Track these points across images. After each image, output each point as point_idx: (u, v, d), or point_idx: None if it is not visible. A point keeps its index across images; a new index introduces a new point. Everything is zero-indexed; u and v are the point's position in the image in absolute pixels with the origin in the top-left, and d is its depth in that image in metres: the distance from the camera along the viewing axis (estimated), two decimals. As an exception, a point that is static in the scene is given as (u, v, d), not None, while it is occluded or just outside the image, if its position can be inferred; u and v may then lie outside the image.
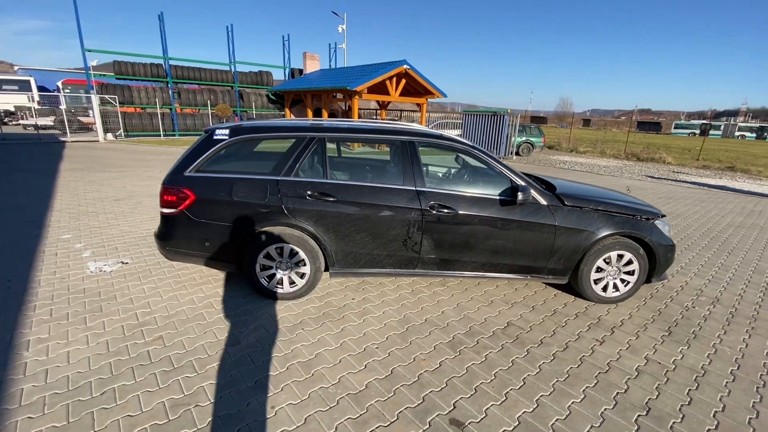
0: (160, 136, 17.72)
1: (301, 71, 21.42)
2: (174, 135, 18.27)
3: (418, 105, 18.02)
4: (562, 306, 3.46)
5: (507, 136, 15.46)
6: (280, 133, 3.36)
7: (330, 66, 21.93)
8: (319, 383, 2.37)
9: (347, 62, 24.20)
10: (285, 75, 21.52)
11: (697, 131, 53.40)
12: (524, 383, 2.44)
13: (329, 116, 18.02)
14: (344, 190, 3.22)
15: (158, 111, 17.69)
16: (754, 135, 49.64)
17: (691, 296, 3.74)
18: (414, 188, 3.27)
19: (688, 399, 2.34)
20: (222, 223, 3.18)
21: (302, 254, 3.24)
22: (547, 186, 3.62)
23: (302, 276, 3.33)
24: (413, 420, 2.11)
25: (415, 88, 17.32)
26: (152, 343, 2.69)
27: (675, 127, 57.20)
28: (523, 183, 3.34)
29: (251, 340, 2.79)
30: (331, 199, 3.19)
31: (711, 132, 52.88)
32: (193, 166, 3.22)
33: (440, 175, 4.19)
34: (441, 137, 3.50)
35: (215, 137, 3.27)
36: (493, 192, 3.34)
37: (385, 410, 2.17)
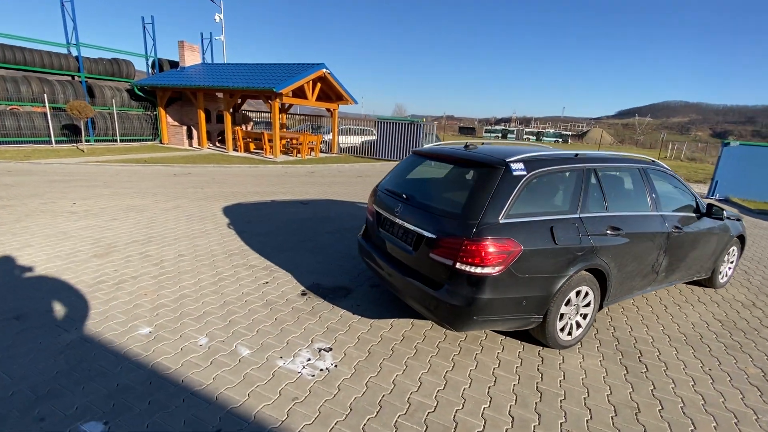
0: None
1: (172, 63, 17.58)
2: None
3: (329, 110, 17.39)
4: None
5: (421, 144, 16.61)
6: (564, 165, 3.06)
7: (204, 60, 18.70)
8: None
9: (227, 58, 21.12)
10: (147, 67, 17.24)
11: (500, 135, 68.51)
12: None
13: (236, 121, 15.36)
14: (624, 222, 3.21)
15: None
16: (534, 137, 67.26)
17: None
18: (659, 213, 3.52)
19: None
20: (542, 275, 2.73)
21: (591, 294, 3.08)
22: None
23: (585, 317, 3.15)
24: None
25: (328, 93, 16.66)
26: None
27: (485, 132, 71.95)
28: (702, 201, 4.01)
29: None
30: (621, 232, 3.13)
31: (508, 135, 68.75)
32: (504, 210, 2.63)
33: (651, 197, 3.67)
34: (655, 163, 3.82)
35: (515, 173, 2.75)
36: (689, 207, 3.89)
37: None
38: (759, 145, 11.85)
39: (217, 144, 17.61)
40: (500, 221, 2.61)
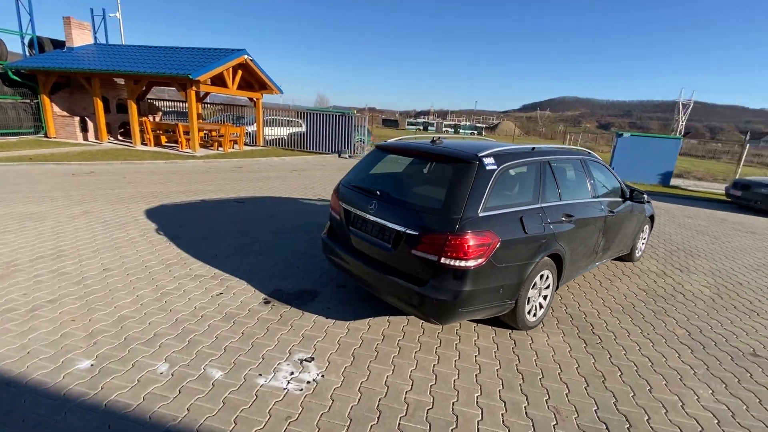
0: None
1: (56, 43, 14.80)
2: None
3: (252, 100, 16.26)
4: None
5: (353, 136, 16.47)
6: (526, 159, 3.23)
7: (97, 40, 16.11)
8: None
9: (125, 39, 18.39)
10: (23, 47, 14.28)
11: (421, 127, 71.08)
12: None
13: (142, 112, 13.39)
14: (574, 209, 3.53)
15: None
16: (453, 130, 71.12)
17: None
18: (597, 199, 3.94)
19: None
20: (515, 263, 2.89)
21: (551, 277, 3.36)
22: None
23: (545, 298, 3.42)
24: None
25: (250, 81, 15.56)
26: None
27: (408, 124, 74.01)
28: (624, 185, 4.58)
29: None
30: (573, 218, 3.44)
31: (429, 128, 71.64)
32: (481, 204, 2.71)
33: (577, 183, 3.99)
34: (591, 154, 4.25)
35: (488, 168, 2.84)
36: (617, 192, 4.42)
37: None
38: (645, 136, 14.03)
39: (120, 137, 15.40)
40: (479, 215, 2.68)
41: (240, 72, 14.49)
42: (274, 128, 17.80)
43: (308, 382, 2.46)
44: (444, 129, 70.57)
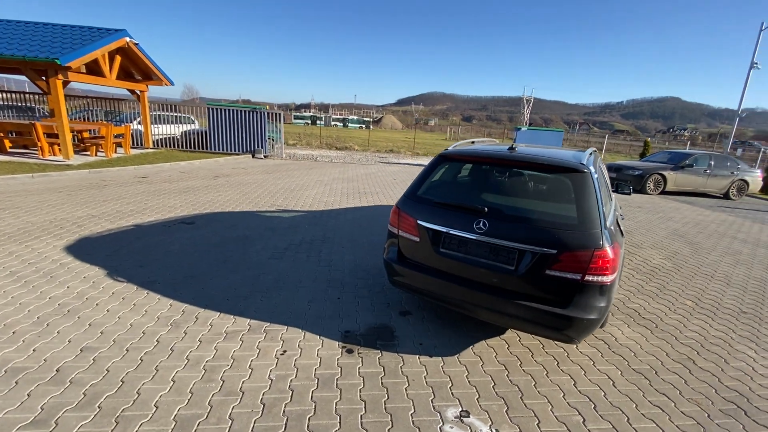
0: None
1: None
2: None
3: (135, 93, 13.31)
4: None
5: (266, 134, 14.99)
6: (600, 163, 3.30)
7: None
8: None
9: None
10: None
11: (309, 121, 69.11)
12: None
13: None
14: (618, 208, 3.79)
15: None
16: (341, 124, 70.99)
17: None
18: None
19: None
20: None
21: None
22: None
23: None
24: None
25: (132, 70, 12.73)
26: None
27: (294, 118, 70.98)
28: None
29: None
30: (623, 218, 3.69)
31: (318, 122, 70.04)
32: (608, 215, 2.69)
33: None
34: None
35: (594, 176, 2.83)
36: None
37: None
38: (537, 129, 16.26)
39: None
40: (609, 226, 2.64)
41: (119, 58, 11.72)
42: (161, 126, 15.04)
43: (492, 443, 2.10)
44: (333, 123, 70.03)
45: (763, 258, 6.02)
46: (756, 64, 16.83)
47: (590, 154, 3.21)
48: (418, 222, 3.00)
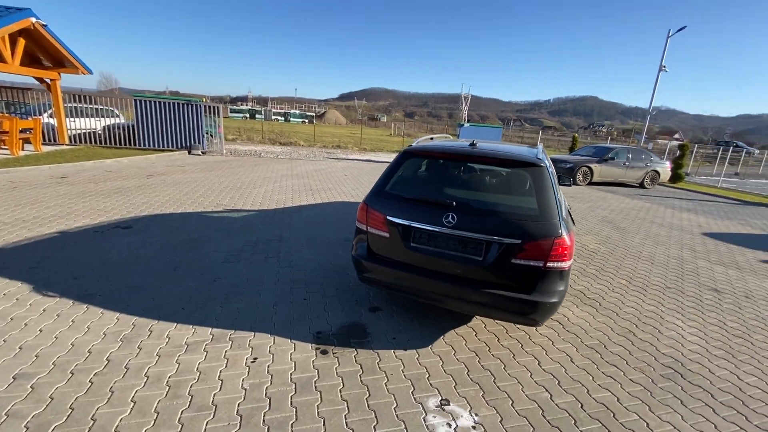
0: None
1: None
2: None
3: (43, 82, 11.67)
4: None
5: (203, 129, 14.02)
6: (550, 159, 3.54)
7: None
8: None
9: None
10: None
11: (247, 115, 65.89)
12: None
13: None
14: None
15: None
16: (283, 118, 68.57)
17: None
18: None
19: (629, 247, 5.99)
20: None
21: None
22: None
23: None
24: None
25: (40, 56, 11.16)
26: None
27: (231, 112, 67.14)
28: None
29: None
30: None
31: (257, 116, 66.93)
32: (564, 205, 2.92)
33: None
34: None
35: (549, 169, 3.05)
36: None
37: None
38: (478, 125, 17.03)
39: None
40: (565, 216, 2.85)
41: (23, 41, 10.21)
42: (78, 119, 13.41)
43: (474, 427, 2.18)
44: (274, 117, 67.40)
45: (678, 239, 6.91)
46: (664, 67, 19.13)
47: (542, 150, 3.44)
48: (388, 218, 3.01)
